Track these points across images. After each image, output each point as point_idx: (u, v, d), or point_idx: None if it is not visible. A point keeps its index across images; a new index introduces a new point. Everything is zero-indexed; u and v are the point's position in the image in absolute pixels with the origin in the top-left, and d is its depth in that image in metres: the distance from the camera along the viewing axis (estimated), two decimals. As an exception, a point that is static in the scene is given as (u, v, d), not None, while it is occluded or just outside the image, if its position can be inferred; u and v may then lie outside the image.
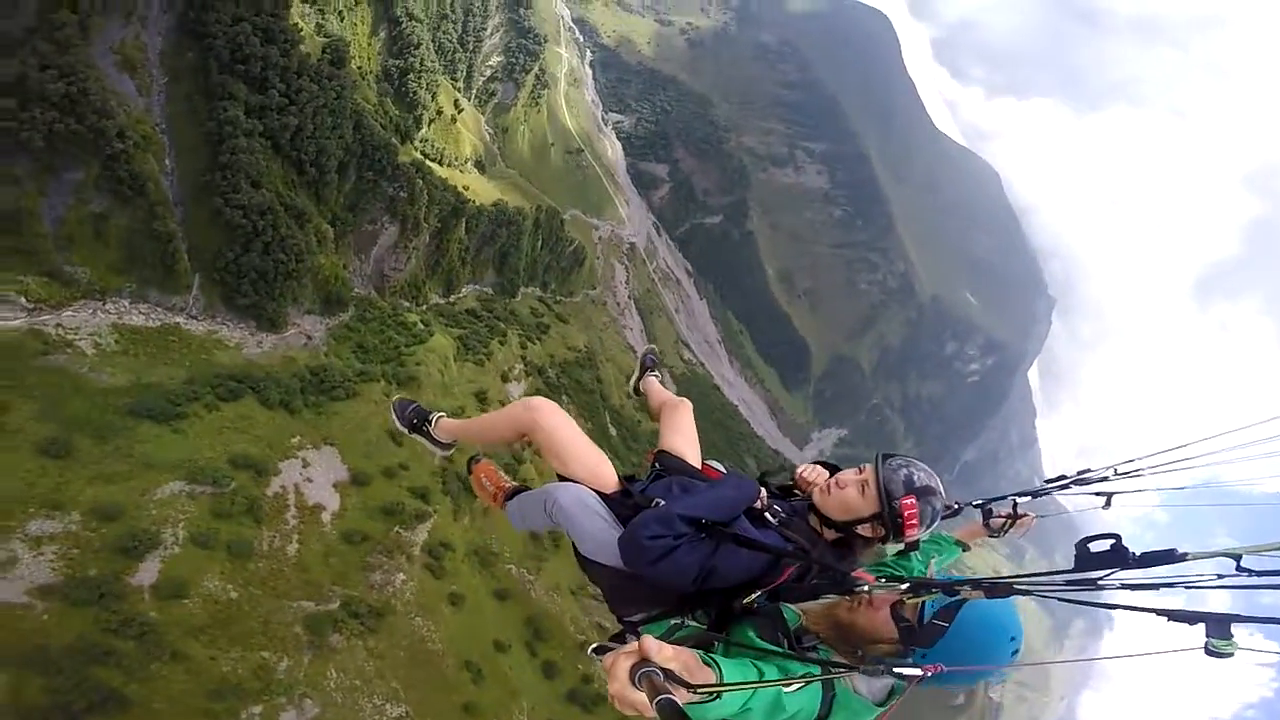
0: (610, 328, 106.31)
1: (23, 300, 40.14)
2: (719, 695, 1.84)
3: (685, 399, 4.02)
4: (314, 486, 43.42)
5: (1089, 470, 3.53)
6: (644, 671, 1.63)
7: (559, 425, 3.25)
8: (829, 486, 2.96)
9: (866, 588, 2.50)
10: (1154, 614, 1.86)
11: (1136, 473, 3.26)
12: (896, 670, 2.28)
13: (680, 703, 1.58)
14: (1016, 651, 2.54)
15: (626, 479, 3.24)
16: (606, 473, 3.18)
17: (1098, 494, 3.43)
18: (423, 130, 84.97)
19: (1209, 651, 1.77)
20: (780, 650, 2.50)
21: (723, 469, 3.44)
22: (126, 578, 33.09)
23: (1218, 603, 2.08)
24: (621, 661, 1.69)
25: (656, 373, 4.77)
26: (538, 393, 58.88)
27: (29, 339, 38.71)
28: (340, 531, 42.34)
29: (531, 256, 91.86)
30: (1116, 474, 3.38)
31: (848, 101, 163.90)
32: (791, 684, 2.23)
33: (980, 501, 3.92)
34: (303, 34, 62.04)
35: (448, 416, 4.13)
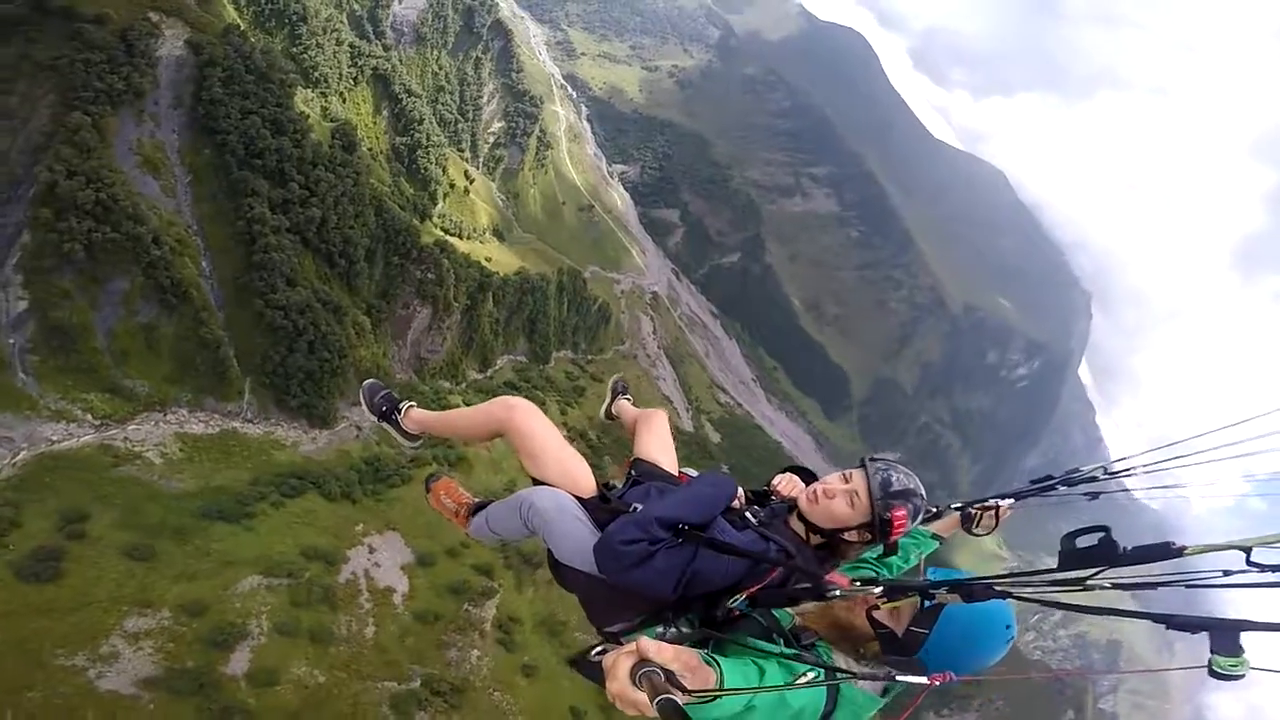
0: (644, 380, 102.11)
1: (89, 417, 42.47)
2: (720, 695, 1.80)
3: (658, 409, 3.94)
4: (382, 570, 45.06)
5: (1077, 470, 3.41)
6: (644, 671, 1.60)
7: (537, 426, 3.15)
8: (816, 495, 2.81)
9: (838, 591, 2.41)
10: (1152, 619, 1.70)
11: (1129, 471, 3.09)
12: (900, 679, 2.09)
13: (680, 702, 1.56)
14: (1012, 639, 2.40)
15: (604, 486, 3.10)
16: (583, 476, 3.05)
17: (1085, 495, 3.29)
18: (439, 205, 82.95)
19: (1213, 672, 1.57)
20: (786, 650, 2.34)
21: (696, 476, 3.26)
22: (220, 668, 35.04)
23: (1232, 607, 1.85)
24: (622, 661, 1.65)
25: (627, 397, 4.53)
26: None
27: (100, 453, 41.33)
28: (413, 612, 43.77)
29: (559, 320, 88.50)
30: (1106, 473, 3.28)
31: (841, 122, 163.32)
32: (797, 682, 2.12)
33: (960, 505, 3.75)
34: (310, 121, 60.42)
35: (418, 407, 3.91)
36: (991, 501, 3.62)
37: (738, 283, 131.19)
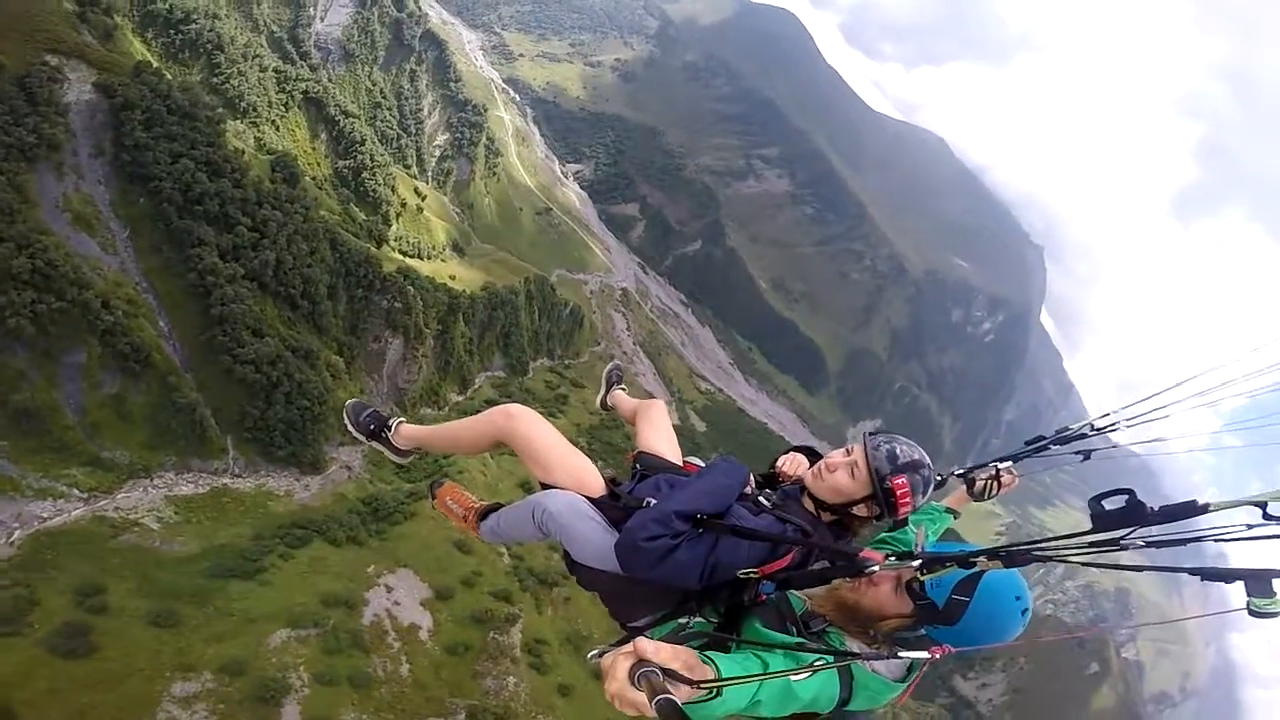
0: (624, 377, 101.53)
1: (76, 491, 41.40)
2: (720, 692, 1.79)
3: (657, 398, 2.98)
4: (403, 608, 44.98)
5: (1067, 429, 3.47)
6: (643, 671, 1.61)
7: (540, 432, 3.13)
8: (820, 471, 2.85)
9: (876, 567, 2.38)
10: (1187, 573, 1.83)
11: (1113, 426, 3.16)
12: (903, 655, 2.20)
13: (679, 702, 1.57)
14: (1026, 611, 2.43)
15: (611, 483, 3.09)
16: (592, 477, 3.05)
17: (1077, 453, 3.34)
18: (393, 227, 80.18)
19: (1252, 612, 1.70)
20: (788, 640, 2.37)
21: (703, 465, 3.27)
22: (275, 724, 35.29)
23: (1255, 557, 1.88)
24: (620, 661, 1.66)
25: (622, 386, 4.55)
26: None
27: (95, 525, 40.67)
28: (442, 645, 43.85)
29: (532, 330, 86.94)
30: (1094, 429, 3.32)
31: (784, 102, 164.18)
32: (799, 673, 2.12)
33: (962, 470, 3.71)
34: (247, 158, 57.42)
35: (408, 423, 3.82)
36: (991, 467, 3.61)
37: (703, 270, 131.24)
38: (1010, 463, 3.59)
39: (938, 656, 2.10)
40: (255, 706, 35.23)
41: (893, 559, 2.38)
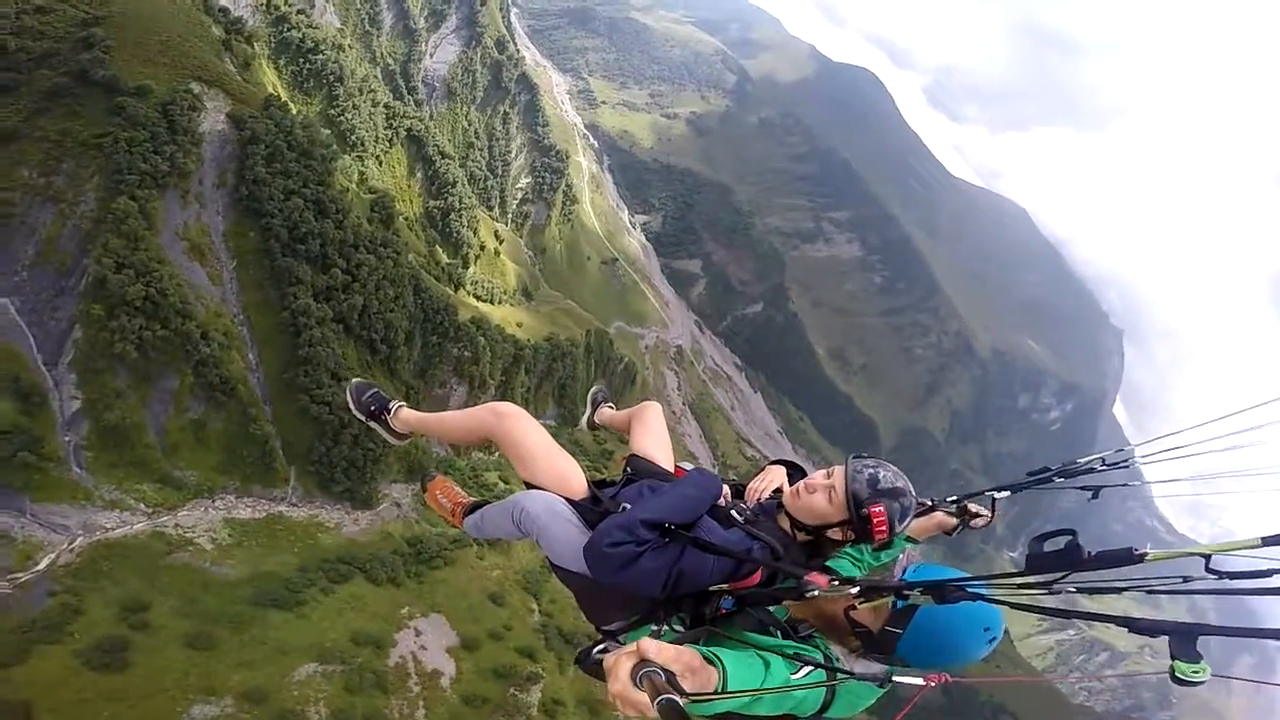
0: (670, 437, 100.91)
1: (142, 506, 43.00)
2: (721, 696, 1.84)
3: (653, 401, 3.91)
4: (429, 654, 45.46)
5: (1073, 462, 3.35)
6: (645, 672, 1.63)
7: (526, 431, 3.16)
8: (799, 490, 2.81)
9: (817, 591, 2.41)
10: (1114, 623, 1.79)
11: (1125, 463, 3.09)
12: (897, 680, 2.14)
13: (681, 702, 1.58)
14: (993, 640, 2.41)
15: (597, 484, 3.08)
16: (575, 479, 3.05)
17: (1083, 488, 3.25)
18: (470, 270, 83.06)
19: (1175, 678, 1.63)
20: (789, 646, 2.39)
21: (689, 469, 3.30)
22: (285, 757, 35.65)
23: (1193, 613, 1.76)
24: (623, 662, 1.69)
25: (610, 405, 4.59)
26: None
27: (153, 541, 42.08)
28: (460, 695, 44.09)
29: (588, 383, 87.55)
30: (1104, 464, 3.25)
31: (860, 163, 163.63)
32: (799, 670, 2.18)
33: (955, 498, 3.77)
34: (349, 196, 60.63)
35: (408, 407, 3.90)
36: (987, 497, 3.60)
37: (761, 333, 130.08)
38: (1008, 493, 3.54)
39: (933, 684, 2.03)
40: (270, 736, 35.65)
41: (836, 583, 2.37)
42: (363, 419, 3.97)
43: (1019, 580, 1.94)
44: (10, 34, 47.99)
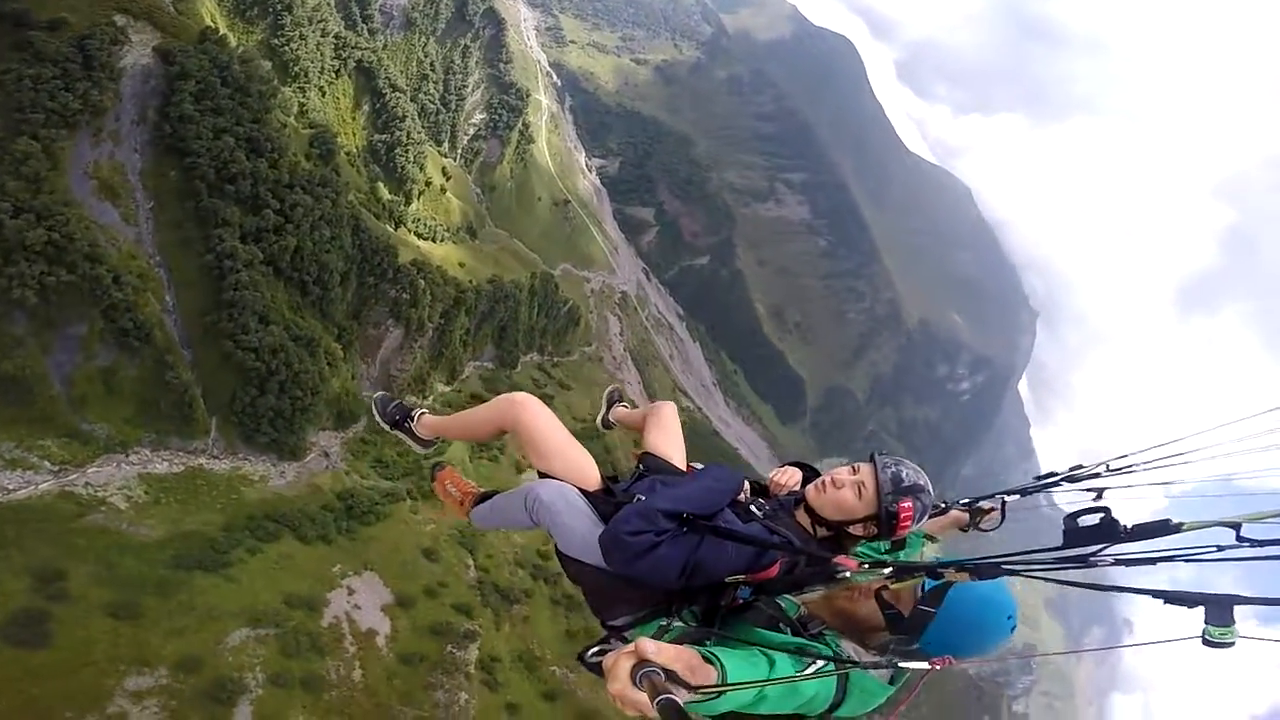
0: (609, 384, 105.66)
1: (47, 464, 40.41)
2: (720, 693, 1.79)
3: (668, 400, 4.06)
4: (363, 613, 45.23)
5: (1081, 467, 3.43)
6: (645, 671, 1.61)
7: (542, 421, 3.21)
8: (824, 485, 2.88)
9: (848, 573, 2.48)
10: (1149, 595, 1.74)
11: (1129, 468, 3.15)
12: (904, 665, 2.17)
13: (681, 702, 1.56)
14: (1014, 628, 2.48)
15: (609, 479, 3.17)
16: (589, 470, 3.12)
17: (1089, 490, 3.27)
18: (413, 205, 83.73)
19: (1207, 641, 1.64)
20: (792, 642, 2.42)
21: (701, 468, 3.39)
22: (227, 724, 35.25)
23: (1223, 582, 1.87)
24: (622, 662, 1.65)
25: (624, 404, 4.71)
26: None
27: (62, 502, 39.77)
28: (397, 654, 44.19)
29: (529, 325, 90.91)
30: (1109, 470, 3.25)
31: (821, 128, 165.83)
32: (806, 668, 2.20)
33: (968, 500, 3.90)
34: (287, 131, 60.47)
35: (430, 414, 4.03)
36: (998, 499, 3.71)
37: (706, 286, 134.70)
38: (1018, 496, 3.63)
39: (939, 668, 2.06)
40: (208, 705, 35.22)
41: (866, 566, 2.49)
42: (388, 429, 4.05)
43: (1057, 555, 1.96)
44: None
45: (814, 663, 2.26)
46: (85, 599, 36.11)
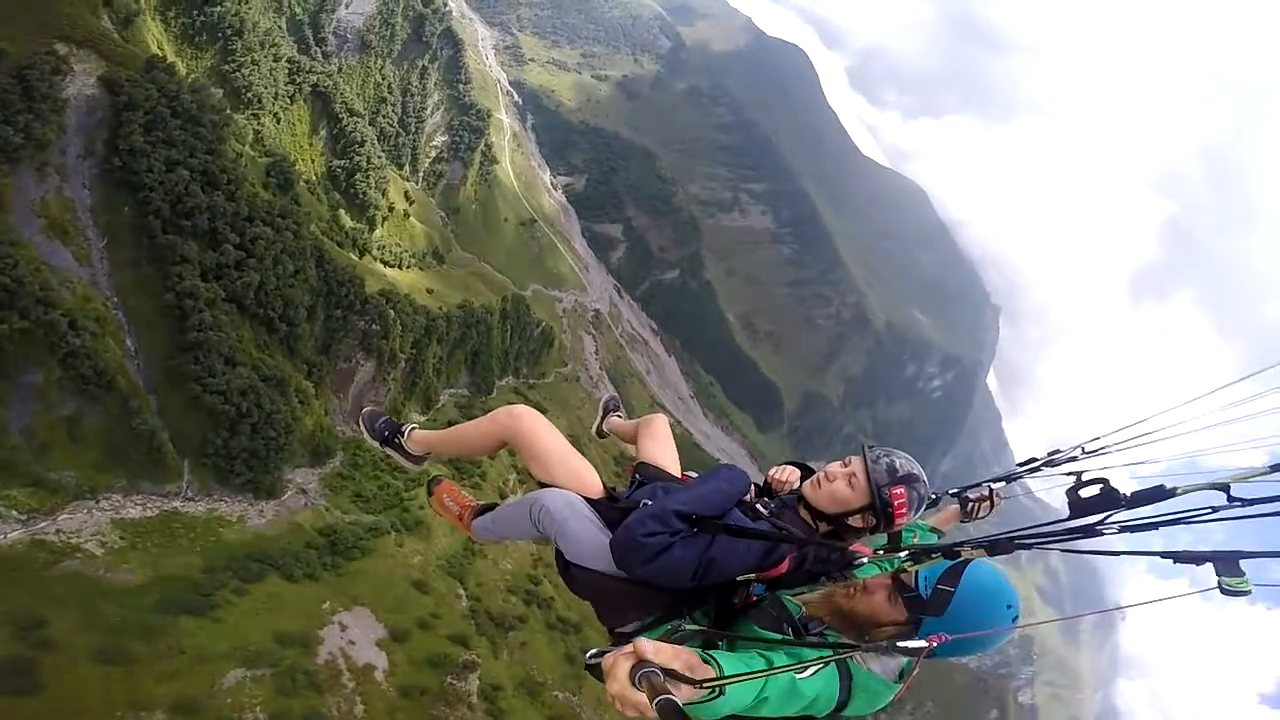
0: (586, 405, 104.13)
1: (14, 513, 39.67)
2: (723, 691, 1.78)
3: (659, 414, 4.05)
4: (358, 648, 44.83)
5: (1058, 451, 3.52)
6: (644, 672, 1.61)
7: (542, 432, 3.20)
8: (819, 480, 2.94)
9: (865, 560, 2.51)
10: (1159, 556, 1.87)
11: (1103, 450, 3.26)
12: (901, 645, 2.21)
13: (680, 702, 1.56)
14: (1015, 618, 2.48)
15: (608, 490, 3.18)
16: (592, 479, 3.13)
17: (1069, 474, 3.16)
18: (377, 231, 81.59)
19: (1224, 590, 1.75)
20: (788, 639, 2.42)
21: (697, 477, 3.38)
22: (229, 767, 34.85)
23: (1219, 540, 2.06)
24: (621, 662, 1.67)
25: (619, 414, 4.73)
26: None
27: (34, 550, 39.13)
28: (397, 688, 43.89)
29: (502, 349, 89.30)
30: (1084, 453, 3.37)
31: (780, 138, 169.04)
32: (806, 669, 2.17)
33: (956, 490, 3.95)
34: (244, 161, 58.40)
35: (420, 428, 3.93)
36: (985, 487, 3.80)
37: (677, 299, 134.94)
38: (1003, 483, 3.72)
39: (934, 645, 2.13)
40: (210, 747, 34.72)
41: (880, 552, 2.53)
42: (378, 446, 4.00)
43: (1066, 526, 2.03)
44: None
45: (815, 664, 2.22)
46: (71, 646, 35.51)
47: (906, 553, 2.46)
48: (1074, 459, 3.38)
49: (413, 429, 3.93)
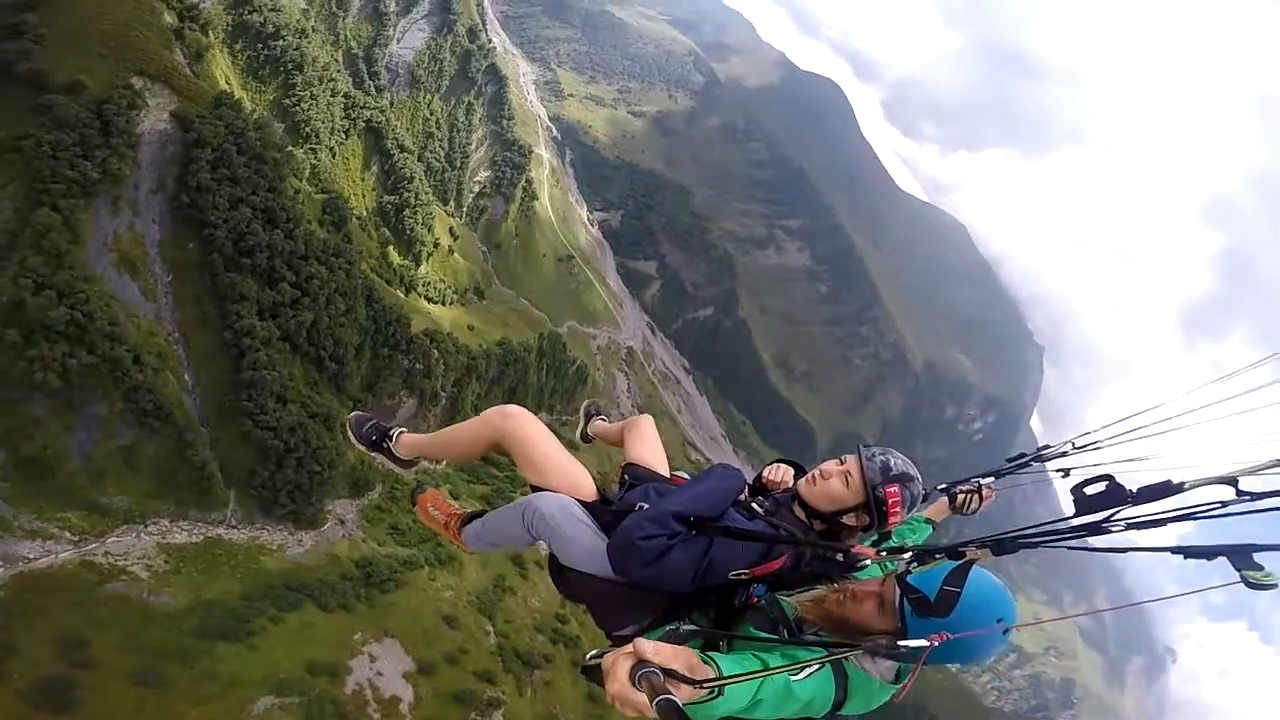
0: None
1: (67, 534, 40.88)
2: (721, 691, 1.79)
3: (645, 414, 3.92)
4: (385, 680, 45.13)
5: (1048, 446, 3.43)
6: (644, 672, 1.62)
7: (535, 433, 3.14)
8: (814, 478, 2.92)
9: (868, 561, 2.48)
10: (1169, 552, 1.82)
11: (1094, 445, 3.18)
12: (901, 645, 2.15)
13: (680, 702, 1.57)
14: (1007, 631, 2.39)
15: (600, 493, 3.12)
16: (585, 482, 3.07)
17: (1058, 470, 3.25)
18: (422, 267, 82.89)
19: (1248, 583, 1.70)
20: (783, 640, 2.40)
21: (688, 477, 3.31)
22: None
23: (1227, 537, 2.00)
24: (621, 662, 1.67)
25: (602, 417, 4.53)
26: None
27: (83, 571, 40.29)
28: None
29: (538, 385, 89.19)
30: (1075, 448, 3.27)
31: (815, 173, 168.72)
32: (801, 671, 2.14)
33: (945, 485, 3.77)
34: (301, 198, 59.73)
35: (409, 432, 3.88)
36: (974, 482, 3.75)
37: (711, 337, 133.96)
38: (992, 479, 3.72)
39: (936, 644, 2.10)
40: (235, 773, 35.35)
41: (884, 553, 2.49)
42: (366, 450, 3.97)
43: (1073, 524, 1.99)
44: (-73, 16, 42.84)
45: (810, 665, 2.19)
46: (109, 665, 36.54)
47: (910, 554, 2.36)
48: (1064, 454, 3.27)
49: (401, 432, 3.86)
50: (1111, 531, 1.95)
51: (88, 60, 47.17)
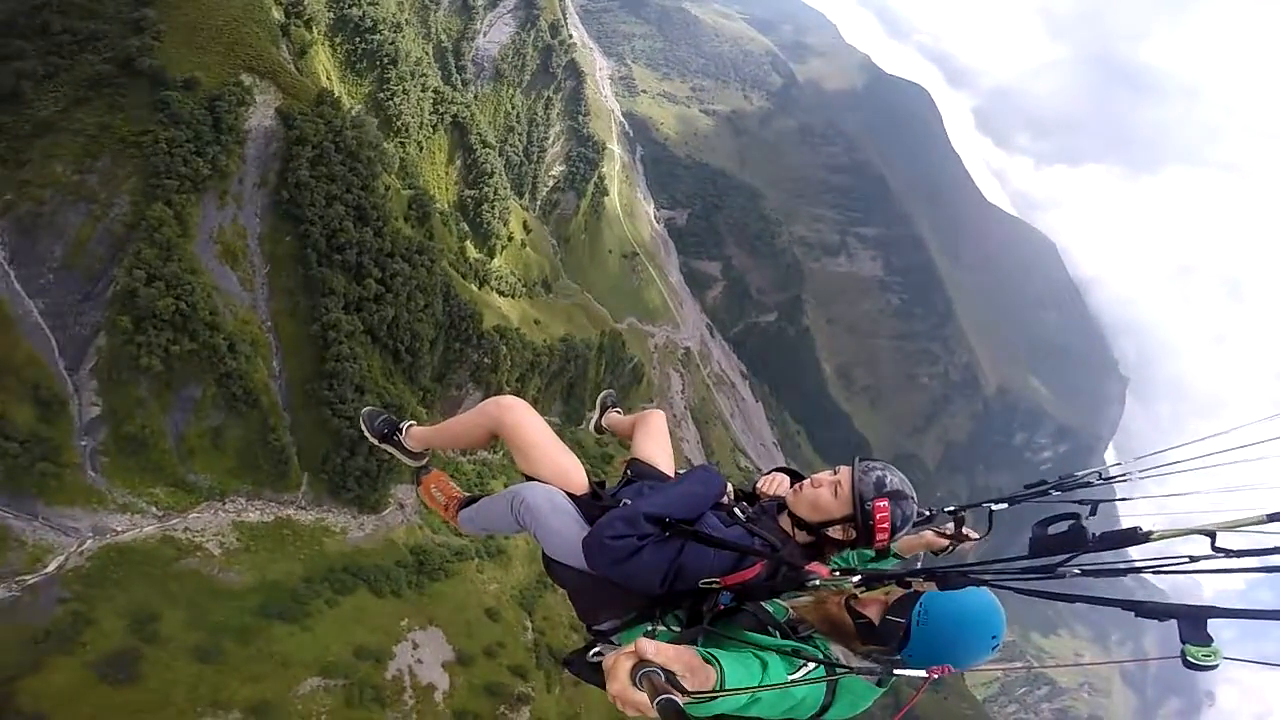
0: (672, 446, 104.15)
1: (153, 509, 43.54)
2: (719, 694, 1.82)
3: (657, 409, 3.96)
4: (425, 667, 46.65)
5: (1071, 475, 3.26)
6: (645, 672, 1.63)
7: (531, 424, 3.16)
8: (803, 486, 2.87)
9: (817, 580, 2.45)
10: (1119, 606, 1.72)
11: (1124, 477, 3.02)
12: (898, 673, 2.15)
13: (681, 702, 1.58)
14: (996, 647, 2.35)
15: (597, 484, 3.14)
16: (576, 475, 3.08)
17: (1081, 502, 2.90)
18: (495, 260, 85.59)
19: (1186, 662, 1.57)
20: (787, 644, 2.36)
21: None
22: (288, 770, 37.07)
23: (1205, 593, 1.78)
24: (622, 662, 1.68)
25: (618, 410, 4.53)
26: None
27: (162, 546, 42.68)
28: (453, 710, 45.46)
29: (596, 383, 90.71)
30: (1101, 478, 3.15)
31: (896, 181, 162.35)
32: (797, 672, 2.15)
33: (954, 508, 3.70)
34: (390, 195, 62.60)
35: (418, 424, 3.98)
36: (985, 507, 3.62)
37: (772, 344, 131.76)
38: (1005, 505, 3.55)
39: (935, 676, 2.02)
40: (273, 750, 37.00)
41: (837, 573, 2.47)
42: (377, 443, 4.08)
43: (1023, 564, 1.92)
44: (57, 12, 45.32)
45: (807, 665, 2.20)
46: (174, 641, 38.77)
47: (858, 578, 2.34)
48: (1088, 484, 3.14)
49: (410, 425, 3.99)
50: (1065, 576, 1.85)
51: (202, 56, 49.58)
